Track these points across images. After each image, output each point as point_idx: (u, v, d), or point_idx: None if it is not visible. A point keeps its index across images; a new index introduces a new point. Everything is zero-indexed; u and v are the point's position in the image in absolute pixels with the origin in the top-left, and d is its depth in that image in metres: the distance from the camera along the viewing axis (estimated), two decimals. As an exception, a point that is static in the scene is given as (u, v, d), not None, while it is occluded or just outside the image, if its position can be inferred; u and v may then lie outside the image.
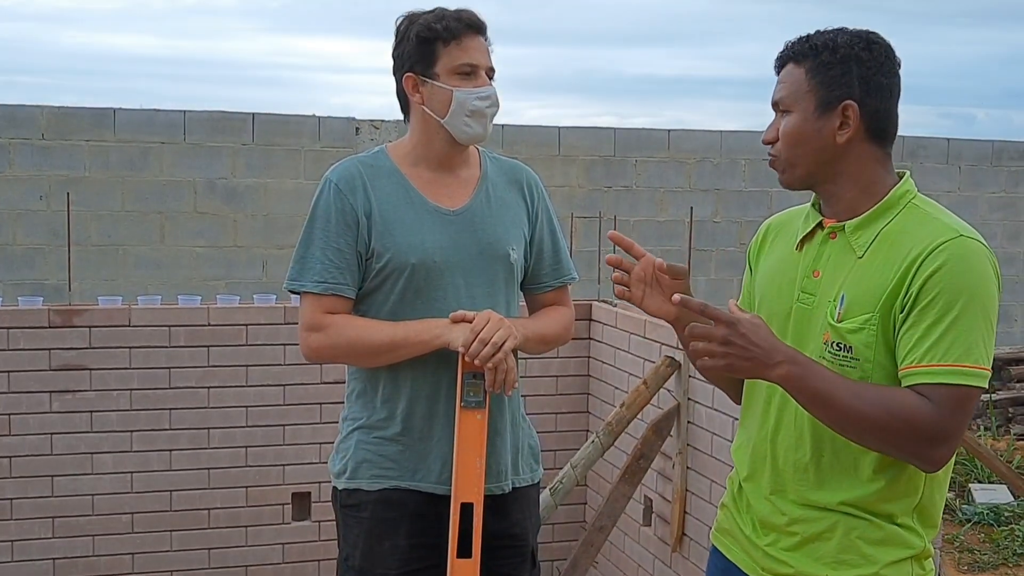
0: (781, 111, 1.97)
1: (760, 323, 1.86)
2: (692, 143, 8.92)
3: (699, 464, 3.98)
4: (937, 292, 1.81)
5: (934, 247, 1.83)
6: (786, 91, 1.95)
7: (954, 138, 9.68)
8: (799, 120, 1.94)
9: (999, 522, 5.62)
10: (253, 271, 7.84)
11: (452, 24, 2.47)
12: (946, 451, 1.84)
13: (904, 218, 1.91)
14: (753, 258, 2.19)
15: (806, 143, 1.93)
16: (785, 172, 1.98)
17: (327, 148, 7.82)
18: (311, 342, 2.51)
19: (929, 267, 1.82)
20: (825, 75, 1.91)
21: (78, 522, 4.38)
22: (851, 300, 1.89)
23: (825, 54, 1.91)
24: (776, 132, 1.97)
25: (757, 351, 1.81)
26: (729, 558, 2.12)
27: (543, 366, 4.78)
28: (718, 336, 1.81)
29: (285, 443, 4.55)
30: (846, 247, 1.94)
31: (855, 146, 1.92)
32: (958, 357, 1.80)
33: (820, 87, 1.91)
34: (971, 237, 1.86)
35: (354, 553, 2.56)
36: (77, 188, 7.34)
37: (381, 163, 2.56)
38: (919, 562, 1.95)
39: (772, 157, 2.00)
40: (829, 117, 1.91)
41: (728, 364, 1.82)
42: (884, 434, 1.82)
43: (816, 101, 1.92)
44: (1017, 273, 9.75)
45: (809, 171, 1.96)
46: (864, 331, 1.87)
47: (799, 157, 1.95)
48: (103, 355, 4.35)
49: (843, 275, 1.92)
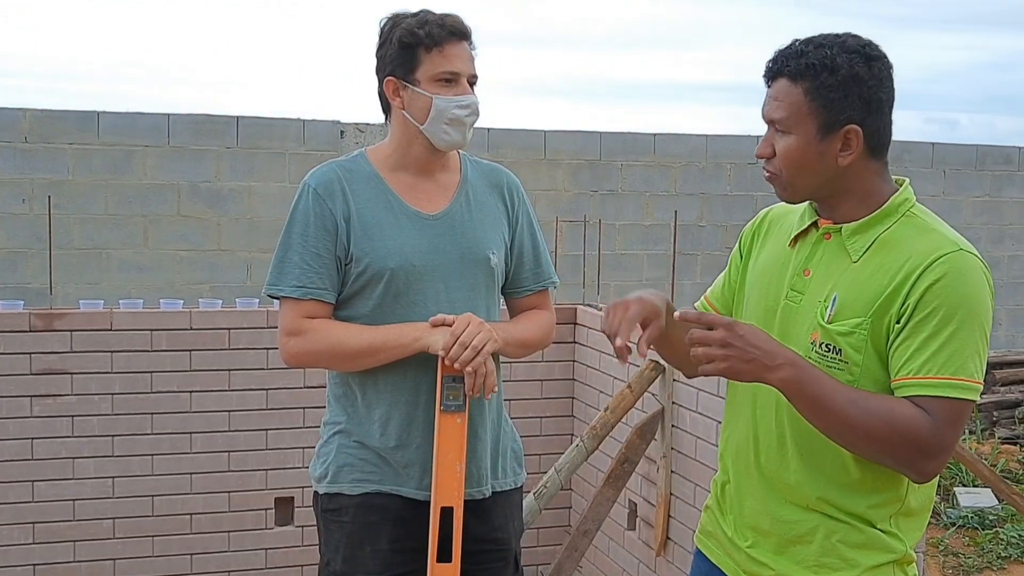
0: (778, 130, 1.92)
1: (757, 328, 1.86)
2: (677, 147, 8.92)
3: (683, 468, 3.97)
4: (935, 305, 1.80)
5: (933, 259, 1.82)
6: (784, 112, 1.89)
7: (939, 143, 9.71)
8: (801, 144, 1.89)
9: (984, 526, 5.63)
10: (237, 275, 7.81)
11: (435, 31, 2.44)
12: (938, 464, 1.85)
13: (902, 227, 1.90)
14: (746, 243, 2.16)
15: (808, 166, 1.90)
16: (786, 190, 1.95)
17: (312, 151, 7.79)
18: (290, 347, 2.50)
19: (928, 279, 1.81)
20: (826, 98, 1.86)
21: (59, 528, 4.35)
22: (843, 302, 1.88)
23: (825, 75, 1.85)
24: (771, 148, 1.93)
25: (757, 352, 1.80)
26: (712, 560, 2.12)
27: (528, 370, 4.77)
28: (717, 339, 1.80)
29: (268, 448, 4.53)
30: (840, 249, 1.93)
31: (856, 165, 1.90)
32: (955, 371, 1.80)
33: (822, 110, 1.86)
34: (969, 251, 1.86)
35: (335, 558, 2.54)
36: (60, 191, 7.30)
37: (360, 167, 2.54)
38: (901, 567, 1.95)
39: (770, 174, 1.95)
40: (831, 140, 1.87)
41: (729, 366, 1.81)
42: (880, 443, 1.82)
43: (818, 125, 1.87)
44: (1001, 277, 9.78)
45: (811, 191, 1.94)
46: (855, 335, 1.86)
47: (801, 179, 1.92)
48: (84, 359, 4.32)
49: (835, 277, 1.92)
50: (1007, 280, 9.87)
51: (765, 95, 1.95)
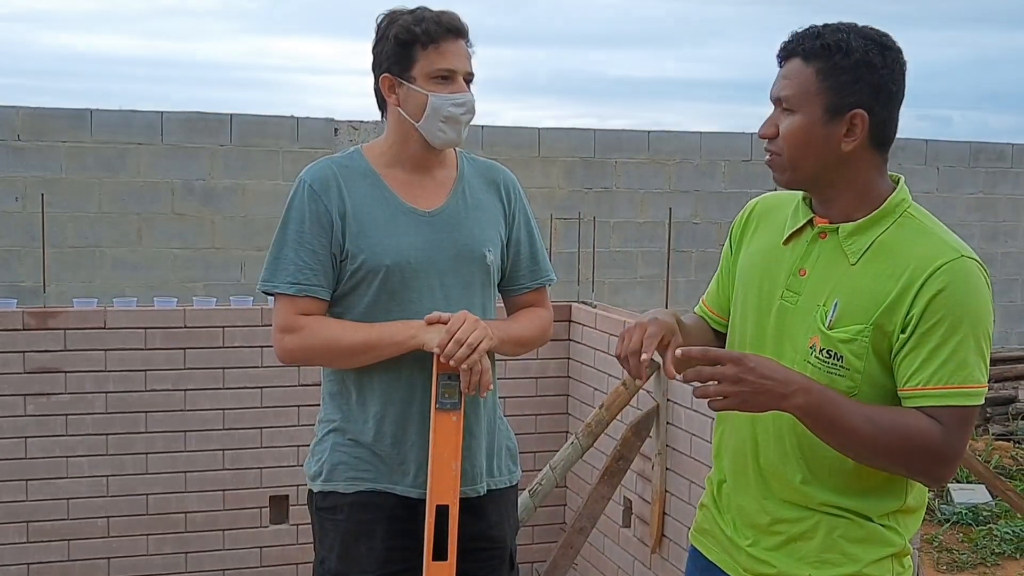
0: (784, 109, 1.90)
1: (765, 357, 1.84)
2: (672, 145, 8.92)
3: (678, 465, 3.97)
4: (941, 315, 1.80)
5: (936, 268, 1.82)
6: (793, 89, 1.88)
7: (932, 139, 9.72)
8: (806, 123, 1.87)
9: (977, 522, 5.64)
10: (231, 273, 7.80)
11: (432, 28, 2.44)
12: (952, 469, 1.86)
13: (900, 229, 1.89)
14: (736, 236, 2.15)
15: (811, 147, 1.88)
16: (785, 172, 1.93)
17: (306, 149, 7.78)
18: (285, 344, 2.49)
19: (931, 289, 1.81)
20: (836, 80, 1.85)
21: (53, 526, 4.33)
22: (844, 308, 1.87)
23: (838, 56, 1.84)
24: (775, 128, 1.91)
25: (770, 383, 1.78)
26: (710, 559, 2.11)
27: (523, 367, 4.77)
28: (729, 375, 1.77)
29: (262, 446, 4.52)
30: (837, 250, 1.92)
31: (858, 154, 1.88)
32: (963, 379, 1.81)
33: (830, 91, 1.85)
34: (970, 257, 1.85)
35: (330, 556, 2.54)
36: (53, 189, 7.28)
37: (356, 164, 2.54)
38: (899, 560, 1.96)
39: (771, 154, 1.93)
40: (837, 124, 1.86)
41: (743, 401, 1.79)
42: (895, 456, 1.83)
43: (825, 106, 1.86)
44: (995, 273, 9.80)
45: (810, 175, 1.91)
46: (856, 342, 1.86)
47: (802, 160, 1.89)
48: (78, 358, 4.31)
49: (834, 279, 1.90)
50: (1000, 277, 9.89)
51: (776, 75, 1.93)
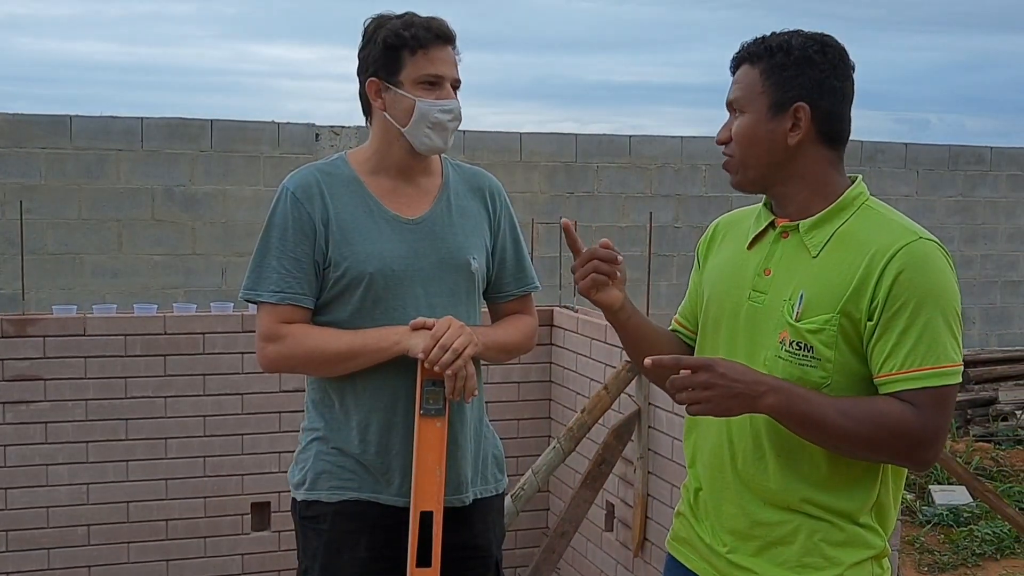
0: (735, 111, 1.98)
1: (734, 361, 1.88)
2: (653, 149, 8.94)
3: (660, 468, 3.98)
4: (905, 298, 1.82)
5: (894, 251, 1.84)
6: (740, 92, 1.97)
7: (912, 143, 9.78)
8: (752, 121, 1.95)
9: (958, 523, 5.67)
10: (212, 279, 7.77)
11: (420, 33, 2.43)
12: (935, 451, 1.88)
13: (859, 219, 1.93)
14: (702, 255, 2.20)
15: (758, 144, 1.94)
16: (737, 173, 1.99)
17: (286, 155, 7.76)
18: (268, 352, 2.47)
19: (892, 272, 1.83)
20: (779, 76, 1.92)
21: (32, 535, 4.31)
22: (809, 299, 1.89)
23: (779, 55, 1.93)
24: (729, 133, 1.99)
25: (740, 386, 1.81)
26: (688, 567, 2.11)
27: (505, 372, 4.77)
28: (700, 382, 1.81)
29: (244, 453, 4.50)
30: (799, 246, 1.95)
31: (806, 148, 1.94)
32: (936, 360, 1.83)
33: (773, 88, 1.93)
34: (927, 238, 1.88)
35: (313, 565, 2.52)
36: (33, 196, 7.24)
37: (340, 171, 2.52)
38: (878, 561, 1.97)
39: (727, 159, 2.00)
40: (781, 118, 1.93)
41: (715, 406, 1.82)
42: (874, 445, 1.85)
43: (769, 102, 1.93)
44: (974, 275, 9.86)
45: (761, 173, 1.97)
46: (825, 331, 1.87)
47: (752, 158, 1.96)
48: (57, 365, 4.28)
49: (798, 274, 1.93)
50: (980, 279, 9.95)
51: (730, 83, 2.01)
